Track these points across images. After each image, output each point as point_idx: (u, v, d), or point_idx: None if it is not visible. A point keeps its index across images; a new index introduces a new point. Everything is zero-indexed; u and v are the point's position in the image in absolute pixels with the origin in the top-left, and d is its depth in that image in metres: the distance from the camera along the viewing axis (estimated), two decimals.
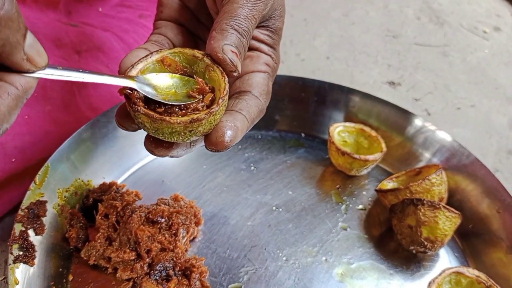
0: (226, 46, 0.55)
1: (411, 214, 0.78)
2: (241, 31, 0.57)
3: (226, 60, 0.55)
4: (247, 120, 0.58)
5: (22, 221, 0.69)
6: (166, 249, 0.73)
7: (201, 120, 0.51)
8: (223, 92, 0.54)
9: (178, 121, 0.51)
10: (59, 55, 0.91)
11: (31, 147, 0.81)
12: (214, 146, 0.55)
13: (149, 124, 0.52)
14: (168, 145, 0.56)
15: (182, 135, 0.52)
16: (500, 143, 1.08)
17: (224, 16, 0.57)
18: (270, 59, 0.65)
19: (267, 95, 0.63)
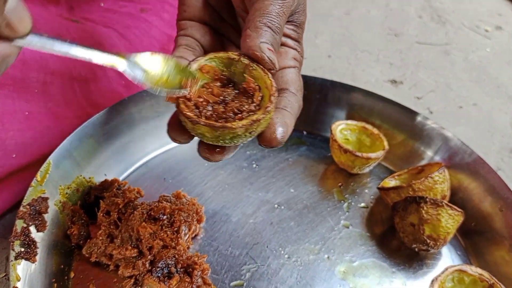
0: (262, 44, 0.56)
1: (414, 212, 0.78)
2: (274, 28, 0.57)
3: (265, 58, 0.56)
4: (292, 116, 0.60)
5: (23, 217, 0.69)
6: (168, 246, 0.73)
7: (260, 120, 0.52)
8: (272, 89, 0.55)
9: (240, 125, 0.52)
10: None
11: (32, 143, 0.81)
12: (269, 143, 0.56)
13: (209, 134, 0.52)
14: (222, 149, 0.57)
15: (242, 137, 0.53)
16: (502, 141, 1.07)
17: (256, 14, 0.57)
18: (297, 53, 0.66)
19: (301, 90, 0.65)
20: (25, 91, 0.82)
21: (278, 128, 0.56)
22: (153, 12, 1.06)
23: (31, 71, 0.82)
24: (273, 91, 0.54)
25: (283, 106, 0.59)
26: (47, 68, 0.84)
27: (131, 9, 1.05)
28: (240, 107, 0.54)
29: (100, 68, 0.93)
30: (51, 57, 0.85)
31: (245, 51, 0.57)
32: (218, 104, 0.55)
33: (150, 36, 1.02)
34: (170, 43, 1.04)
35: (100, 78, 0.93)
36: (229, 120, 0.53)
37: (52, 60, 0.85)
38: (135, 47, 1.01)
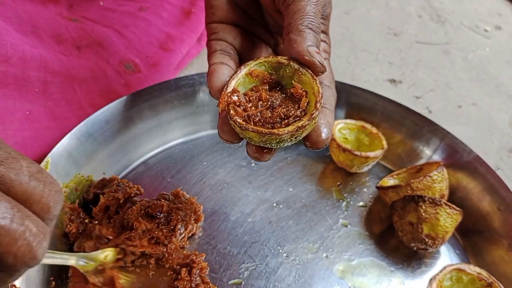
0: (310, 47, 0.57)
1: (412, 211, 0.78)
2: (315, 28, 0.58)
3: (316, 63, 0.57)
4: (332, 112, 0.61)
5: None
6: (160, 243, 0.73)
7: (305, 126, 0.54)
8: (319, 96, 0.56)
9: (286, 132, 0.53)
10: (59, 50, 0.91)
11: (32, 142, 0.81)
12: (316, 145, 0.57)
13: (257, 138, 0.55)
14: (269, 151, 0.58)
15: (288, 141, 0.55)
16: (502, 141, 1.07)
17: (296, 16, 0.58)
18: (326, 45, 0.68)
19: (334, 80, 0.66)
20: (26, 90, 0.82)
21: (324, 129, 0.57)
22: (152, 10, 1.06)
23: (32, 70, 0.82)
24: (320, 97, 0.55)
25: (323, 104, 0.59)
26: (47, 68, 0.84)
27: (130, 7, 1.05)
28: (287, 113, 0.56)
29: (99, 68, 0.94)
30: (50, 56, 0.86)
31: (294, 56, 0.58)
32: (266, 109, 0.57)
33: (149, 34, 1.03)
34: (169, 42, 1.04)
35: (99, 77, 0.93)
36: (276, 125, 0.55)
37: (52, 59, 0.86)
38: (134, 46, 1.01)
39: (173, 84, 0.92)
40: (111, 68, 0.96)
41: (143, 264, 0.74)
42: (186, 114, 0.94)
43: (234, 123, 0.56)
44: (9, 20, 0.83)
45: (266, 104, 0.57)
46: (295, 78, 0.58)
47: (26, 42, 0.84)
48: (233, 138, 0.59)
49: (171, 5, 1.09)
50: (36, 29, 0.88)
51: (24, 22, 0.86)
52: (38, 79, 0.83)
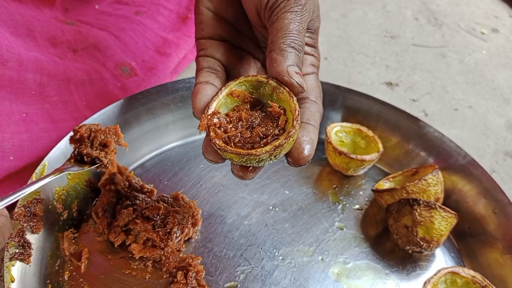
0: (290, 68, 0.57)
1: (407, 214, 0.78)
2: (297, 47, 0.59)
3: (294, 84, 0.57)
4: (316, 129, 0.61)
5: (18, 219, 0.69)
6: (156, 246, 0.74)
7: (283, 145, 0.55)
8: (296, 113, 0.57)
9: (263, 152, 0.55)
10: (54, 53, 0.91)
11: (29, 145, 0.81)
12: (297, 162, 0.58)
13: (236, 159, 0.56)
14: (253, 169, 0.59)
15: (268, 160, 0.57)
16: (497, 144, 1.08)
17: (278, 35, 0.59)
18: (314, 59, 0.67)
19: (321, 95, 0.66)
20: (22, 92, 0.82)
21: (306, 146, 0.58)
22: (148, 15, 1.06)
23: (28, 72, 0.82)
24: (296, 115, 0.56)
25: (306, 119, 0.61)
26: (43, 70, 0.84)
27: (126, 11, 1.05)
28: (266, 132, 0.57)
29: (95, 71, 0.94)
30: (46, 59, 0.86)
31: (273, 76, 0.59)
32: (245, 129, 0.58)
33: (145, 38, 1.03)
34: (165, 46, 1.04)
35: (96, 80, 0.93)
36: (256, 145, 0.57)
37: (48, 62, 0.86)
38: (130, 49, 1.01)
39: (170, 87, 0.92)
40: (108, 71, 0.96)
41: (140, 266, 0.74)
42: (183, 117, 0.94)
43: (214, 145, 0.57)
44: (4, 23, 0.83)
45: (246, 124, 0.59)
46: (274, 96, 0.60)
47: (22, 45, 0.84)
48: (216, 158, 0.60)
49: (168, 10, 1.09)
50: (32, 32, 0.88)
51: (19, 25, 0.86)
52: (35, 81, 0.83)
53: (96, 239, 0.77)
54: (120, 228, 0.75)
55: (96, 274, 0.73)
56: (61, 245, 0.74)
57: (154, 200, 0.79)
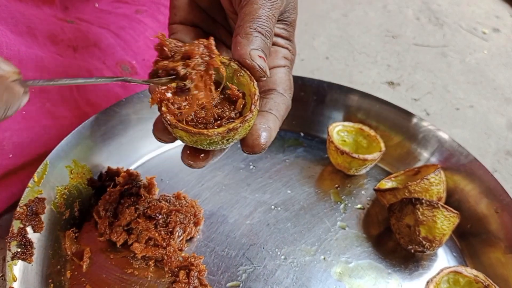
0: (253, 51, 0.56)
1: (410, 214, 0.78)
2: (264, 32, 0.57)
3: (255, 67, 0.56)
4: (278, 119, 0.59)
5: (20, 218, 0.69)
6: (158, 246, 0.74)
7: (237, 129, 0.53)
8: (255, 98, 0.55)
9: (215, 133, 0.52)
10: (54, 51, 0.91)
11: (29, 142, 0.81)
12: (251, 149, 0.56)
13: (187, 138, 0.54)
14: (205, 156, 0.57)
15: (220, 143, 0.54)
16: (499, 143, 1.08)
17: (246, 19, 0.57)
18: (287, 52, 0.66)
19: (290, 90, 0.64)
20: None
21: (262, 133, 0.56)
22: (148, 13, 1.06)
23: (28, 70, 0.82)
24: (255, 99, 0.55)
25: (268, 108, 0.59)
26: (44, 67, 0.84)
27: (126, 10, 1.05)
28: (221, 114, 0.55)
29: (96, 68, 0.94)
30: (46, 56, 0.86)
31: (236, 58, 0.57)
32: (200, 109, 0.55)
33: (145, 37, 1.03)
34: None
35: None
36: (209, 125, 0.54)
37: (48, 59, 0.86)
38: (130, 48, 1.01)
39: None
40: (108, 69, 0.96)
41: (142, 266, 0.74)
42: None
43: (165, 121, 0.54)
44: (4, 20, 0.83)
45: (201, 104, 0.56)
46: (234, 79, 0.58)
47: (22, 42, 0.84)
48: (165, 136, 0.58)
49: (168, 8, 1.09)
50: (32, 30, 0.88)
51: (19, 23, 0.86)
52: (35, 78, 0.83)
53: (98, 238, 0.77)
54: (122, 228, 0.75)
55: (98, 274, 0.73)
56: (62, 244, 0.74)
57: (156, 200, 0.79)
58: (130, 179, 0.81)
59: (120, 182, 0.81)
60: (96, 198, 0.81)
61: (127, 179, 0.81)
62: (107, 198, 0.78)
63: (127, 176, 0.82)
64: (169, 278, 0.73)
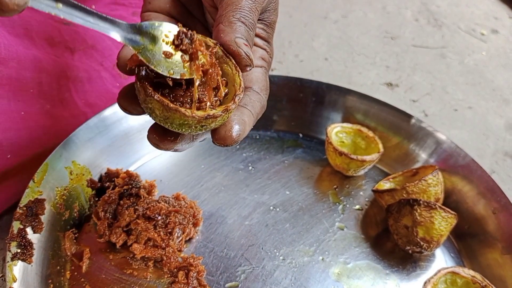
0: (238, 39, 0.53)
1: (407, 214, 0.78)
2: (248, 23, 0.55)
3: (242, 54, 0.53)
4: (252, 116, 0.57)
5: (20, 219, 0.69)
6: (158, 246, 0.74)
7: (217, 117, 0.49)
8: (239, 89, 0.52)
9: (193, 115, 0.48)
10: (52, 53, 0.91)
11: (27, 143, 0.81)
12: (223, 141, 0.53)
13: (159, 111, 0.48)
14: (174, 138, 0.53)
15: (192, 128, 0.50)
16: (497, 144, 1.08)
17: (229, 9, 0.55)
18: (265, 53, 0.64)
19: (266, 90, 0.62)
20: (21, 91, 0.82)
21: (235, 126, 0.53)
22: None
23: (26, 71, 0.82)
24: (240, 91, 0.52)
25: (244, 104, 0.57)
26: (42, 68, 0.85)
27: (123, 12, 1.05)
28: (202, 97, 0.51)
29: (94, 70, 0.94)
30: (44, 57, 0.86)
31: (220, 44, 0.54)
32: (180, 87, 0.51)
33: None
34: None
35: (94, 79, 0.93)
36: (186, 105, 0.49)
37: (46, 60, 0.86)
38: None
39: None
40: (106, 71, 0.96)
41: (141, 266, 0.74)
42: None
43: (140, 88, 0.49)
44: (2, 22, 0.83)
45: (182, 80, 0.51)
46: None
47: (20, 43, 0.84)
48: (132, 106, 0.53)
49: None
50: (29, 32, 0.88)
51: (17, 25, 0.86)
52: (33, 79, 0.83)
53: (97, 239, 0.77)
54: (121, 229, 0.75)
55: (97, 274, 0.74)
56: (62, 245, 0.74)
57: (155, 200, 0.79)
58: (130, 180, 0.81)
59: (119, 183, 0.81)
60: (96, 199, 0.82)
61: (127, 180, 0.81)
62: (106, 199, 0.78)
63: (127, 177, 0.82)
64: (168, 279, 0.74)
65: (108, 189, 0.81)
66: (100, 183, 0.83)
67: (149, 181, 0.84)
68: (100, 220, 0.77)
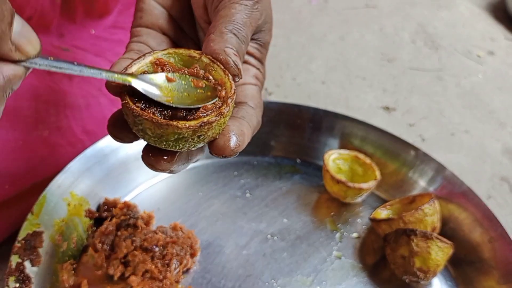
0: (228, 49, 0.52)
1: (404, 244, 0.79)
2: (240, 36, 0.54)
3: (230, 62, 0.52)
4: (250, 127, 0.56)
5: (18, 252, 0.70)
6: (155, 278, 0.74)
7: (212, 123, 0.47)
8: (231, 91, 0.50)
9: (187, 126, 0.46)
10: (50, 80, 0.92)
11: (25, 173, 0.82)
12: (222, 152, 0.51)
13: (151, 131, 0.46)
14: (170, 158, 0.51)
15: (189, 141, 0.48)
16: (494, 169, 1.09)
17: (221, 21, 0.54)
18: (259, 72, 0.63)
19: (261, 107, 0.61)
20: (18, 120, 0.82)
21: (233, 136, 0.51)
22: None
23: (23, 100, 0.82)
24: (232, 93, 0.49)
25: (241, 116, 0.55)
26: (40, 97, 0.85)
27: (122, 36, 1.06)
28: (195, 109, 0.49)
29: (92, 96, 0.95)
30: (42, 85, 0.86)
31: (208, 54, 0.53)
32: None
33: None
34: None
35: (92, 105, 0.94)
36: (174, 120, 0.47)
37: (44, 89, 0.86)
38: None
39: None
40: (104, 97, 0.96)
41: None
42: None
43: (127, 110, 0.47)
44: None
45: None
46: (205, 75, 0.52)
47: None
48: (124, 133, 0.51)
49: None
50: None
51: None
52: (30, 108, 0.84)
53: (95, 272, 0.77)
54: (119, 260, 0.76)
55: None
56: (60, 277, 0.74)
57: (152, 231, 0.80)
58: (128, 210, 0.82)
59: (117, 214, 0.82)
60: (94, 229, 0.82)
61: (125, 211, 0.82)
62: (103, 230, 0.79)
63: (124, 207, 0.82)
64: None
65: (106, 219, 0.82)
66: (98, 213, 0.84)
67: (147, 212, 0.84)
68: (97, 252, 0.77)
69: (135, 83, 0.48)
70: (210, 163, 0.97)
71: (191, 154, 0.55)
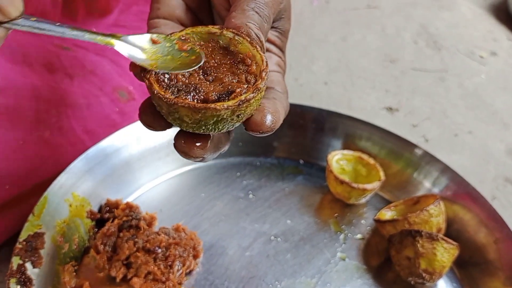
0: (250, 23, 0.51)
1: (409, 246, 0.78)
2: (262, 14, 0.53)
3: (252, 35, 0.50)
4: (284, 108, 0.55)
5: (20, 254, 0.69)
6: (158, 280, 0.73)
7: (249, 100, 0.45)
8: (263, 65, 0.48)
9: (225, 107, 0.44)
10: (51, 79, 0.91)
11: (26, 173, 0.81)
12: (259, 127, 0.50)
13: (189, 118, 0.45)
14: (203, 144, 0.50)
15: (228, 122, 0.46)
16: (498, 169, 1.08)
17: (243, 0, 0.53)
18: (280, 60, 0.63)
19: (287, 94, 0.60)
20: (18, 120, 0.82)
21: (268, 113, 0.50)
22: None
23: (24, 99, 0.82)
24: (265, 66, 0.48)
25: (272, 97, 0.54)
26: (40, 97, 0.84)
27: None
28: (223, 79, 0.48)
29: (93, 95, 0.94)
30: (42, 85, 0.86)
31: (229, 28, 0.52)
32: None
33: None
34: None
35: (93, 104, 0.93)
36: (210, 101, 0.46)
37: (44, 88, 0.86)
38: (127, 73, 1.01)
39: None
40: (105, 96, 0.96)
41: None
42: None
43: (159, 100, 0.46)
44: (0, 50, 0.83)
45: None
46: (231, 48, 0.51)
47: (18, 71, 0.84)
48: (156, 122, 0.50)
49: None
50: (28, 59, 0.88)
51: (15, 52, 0.86)
52: (31, 108, 0.83)
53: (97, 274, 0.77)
54: (121, 262, 0.75)
55: None
56: (62, 279, 0.74)
57: (155, 232, 0.79)
58: (130, 211, 0.81)
59: (119, 215, 0.81)
60: (96, 230, 0.81)
61: (127, 212, 0.81)
62: (105, 232, 0.78)
63: (127, 208, 0.82)
64: None
65: (108, 220, 0.81)
66: (100, 214, 0.83)
67: (149, 213, 0.83)
68: (99, 254, 0.76)
69: (119, 46, 0.48)
70: (212, 164, 0.97)
71: (220, 143, 0.54)
